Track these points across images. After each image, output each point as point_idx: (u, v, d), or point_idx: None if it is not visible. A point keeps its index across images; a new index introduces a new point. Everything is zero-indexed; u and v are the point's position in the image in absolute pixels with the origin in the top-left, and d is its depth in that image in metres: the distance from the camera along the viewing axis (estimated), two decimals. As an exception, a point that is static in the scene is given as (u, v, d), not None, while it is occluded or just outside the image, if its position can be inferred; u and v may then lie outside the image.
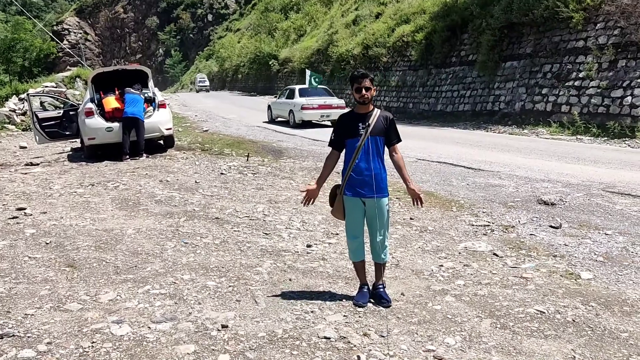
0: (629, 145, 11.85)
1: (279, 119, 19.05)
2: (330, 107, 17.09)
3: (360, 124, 3.85)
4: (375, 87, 3.95)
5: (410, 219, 6.36)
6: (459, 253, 5.14)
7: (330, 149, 4.04)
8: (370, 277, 4.18)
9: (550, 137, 13.79)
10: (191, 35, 78.27)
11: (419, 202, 3.97)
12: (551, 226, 5.87)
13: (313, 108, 16.99)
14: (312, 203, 4.01)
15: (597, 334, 3.47)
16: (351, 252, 4.07)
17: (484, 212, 6.50)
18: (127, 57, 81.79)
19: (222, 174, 9.05)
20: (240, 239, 5.58)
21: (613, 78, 13.61)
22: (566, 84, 14.86)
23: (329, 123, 17.00)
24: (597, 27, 14.55)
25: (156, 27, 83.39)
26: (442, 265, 4.79)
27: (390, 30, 24.27)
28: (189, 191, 7.71)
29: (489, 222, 6.12)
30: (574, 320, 3.66)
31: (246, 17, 63.78)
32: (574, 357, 3.19)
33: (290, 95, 18.24)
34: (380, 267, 4.07)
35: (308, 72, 20.91)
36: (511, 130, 15.19)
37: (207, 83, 52.06)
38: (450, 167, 9.40)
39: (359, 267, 4.09)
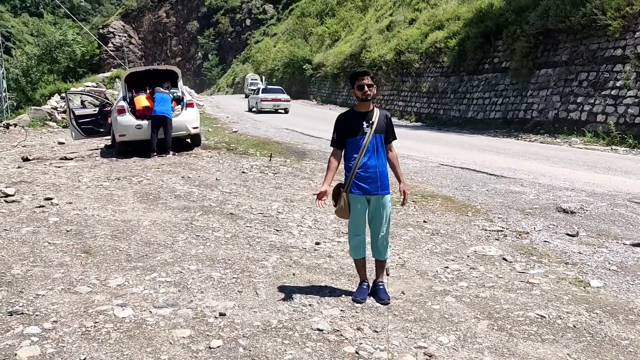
0: (665, 157, 11.44)
1: (253, 109, 26.83)
2: (279, 100, 25.78)
3: (364, 123, 3.87)
4: (375, 86, 3.95)
5: (424, 221, 6.33)
6: (467, 256, 5.09)
7: (332, 148, 4.07)
8: (370, 275, 4.20)
9: (583, 146, 13.43)
10: (229, 39, 79.66)
11: (406, 198, 4.06)
12: (567, 234, 5.74)
13: (268, 101, 25.54)
14: (325, 203, 3.97)
15: (596, 340, 3.40)
16: (352, 250, 4.10)
17: (499, 218, 6.41)
18: (167, 60, 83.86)
19: (243, 172, 9.21)
20: (251, 234, 5.68)
21: (651, 88, 13.17)
22: (602, 92, 14.46)
23: (282, 111, 25.55)
24: (636, 36, 14.13)
25: (196, 31, 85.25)
26: (447, 267, 4.76)
27: (424, 36, 24.15)
28: (208, 188, 7.89)
29: (503, 227, 6.03)
30: (574, 326, 3.59)
31: (283, 22, 64.51)
32: (568, 361, 3.13)
33: (257, 92, 27.42)
34: (381, 264, 4.09)
35: (263, 77, 38.66)
36: (543, 139, 14.86)
37: (261, 86, 40.25)
38: (472, 173, 9.28)
39: (360, 264, 4.12)
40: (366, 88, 3.83)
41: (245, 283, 4.30)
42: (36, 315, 3.62)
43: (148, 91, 11.44)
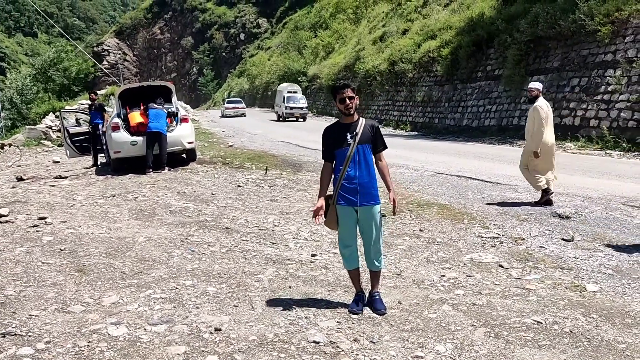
0: (659, 160, 11.48)
1: (222, 115, 35.81)
2: (237, 108, 35.86)
3: (347, 134, 3.87)
4: (357, 97, 3.94)
5: (420, 230, 6.32)
6: (464, 264, 5.08)
7: (323, 161, 4.11)
8: (366, 285, 4.19)
9: (577, 151, 13.47)
10: (224, 54, 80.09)
11: (395, 206, 3.95)
12: (563, 239, 5.74)
13: (230, 109, 35.87)
14: (321, 218, 4.00)
15: (593, 345, 3.38)
16: (345, 261, 4.11)
17: (495, 225, 6.40)
18: (162, 76, 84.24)
19: (239, 186, 9.20)
20: (247, 247, 5.66)
21: (643, 91, 13.24)
22: (595, 97, 14.54)
23: (240, 115, 34.92)
24: (625, 40, 14.24)
25: (191, 47, 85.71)
26: (444, 276, 4.74)
27: (417, 45, 24.32)
28: (204, 202, 7.88)
29: (499, 234, 6.02)
30: (571, 331, 3.57)
31: (277, 35, 64.95)
32: (565, 367, 3.12)
33: (224, 103, 38.86)
34: (375, 275, 4.08)
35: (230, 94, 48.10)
36: (537, 145, 14.88)
37: (303, 103, 29.25)
38: (467, 181, 9.29)
39: (354, 275, 4.12)
40: (347, 101, 3.81)
41: (241, 297, 4.28)
42: (29, 336, 3.59)
43: (142, 107, 11.45)
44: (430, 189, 8.80)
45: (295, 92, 32.09)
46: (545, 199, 7.25)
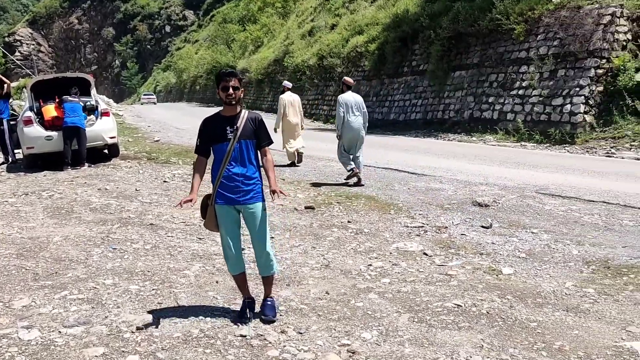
0: (567, 151, 12.34)
1: (141, 103, 48.16)
2: (150, 98, 50.61)
3: (228, 128, 3.54)
4: (243, 89, 3.65)
5: (348, 222, 6.40)
6: (390, 253, 5.21)
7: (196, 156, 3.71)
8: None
9: (496, 144, 14.21)
10: (148, 46, 77.26)
11: (277, 195, 3.61)
12: (482, 226, 6.03)
13: (145, 99, 50.47)
14: (187, 204, 3.49)
15: (507, 324, 3.58)
16: (228, 265, 3.76)
17: (420, 214, 6.62)
18: (82, 68, 79.99)
19: (164, 182, 8.91)
20: (172, 243, 5.49)
21: (553, 87, 14.17)
22: (511, 92, 15.38)
23: (152, 103, 48.10)
24: (538, 39, 15.15)
25: (112, 38, 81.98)
26: (370, 265, 4.84)
27: (345, 41, 24.61)
28: (127, 199, 7.56)
29: (423, 223, 6.23)
30: (488, 312, 3.76)
31: (204, 28, 63.50)
32: (482, 345, 3.27)
33: (142, 95, 55.16)
34: (267, 281, 3.80)
35: (145, 90, 61.49)
36: (460, 137, 15.56)
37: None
38: (394, 173, 9.55)
39: (239, 280, 3.81)
40: (231, 90, 3.49)
41: (165, 294, 4.15)
42: None
43: (57, 100, 10.78)
44: (358, 181, 8.95)
45: None
46: (298, 160, 10.68)
